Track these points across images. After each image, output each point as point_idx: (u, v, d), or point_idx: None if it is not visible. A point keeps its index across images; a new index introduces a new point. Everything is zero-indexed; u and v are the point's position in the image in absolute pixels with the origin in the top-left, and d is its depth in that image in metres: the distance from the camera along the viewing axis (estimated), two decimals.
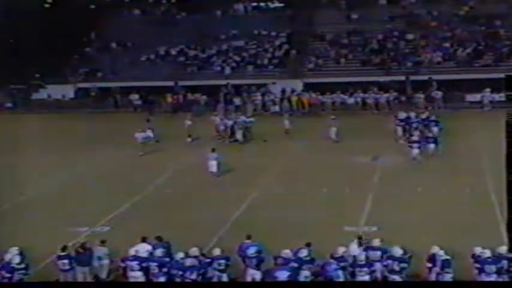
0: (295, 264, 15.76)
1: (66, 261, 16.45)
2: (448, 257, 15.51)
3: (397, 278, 15.42)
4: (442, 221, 20.01)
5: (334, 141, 31.55)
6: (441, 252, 15.62)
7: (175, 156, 30.09)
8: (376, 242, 16.38)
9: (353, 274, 15.57)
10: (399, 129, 31.47)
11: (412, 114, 31.97)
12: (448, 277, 15.29)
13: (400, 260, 15.63)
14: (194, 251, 16.18)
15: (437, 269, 15.46)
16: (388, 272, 15.57)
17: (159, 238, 17.24)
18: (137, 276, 16.04)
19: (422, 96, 40.90)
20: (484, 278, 15.00)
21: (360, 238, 16.83)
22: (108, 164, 29.45)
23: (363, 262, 15.55)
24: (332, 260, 15.72)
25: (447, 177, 24.82)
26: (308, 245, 16.29)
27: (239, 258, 16.79)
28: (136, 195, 24.25)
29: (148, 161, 29.79)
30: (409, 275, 15.71)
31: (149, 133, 31.70)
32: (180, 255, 16.10)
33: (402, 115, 31.98)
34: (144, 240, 17.01)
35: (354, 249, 16.33)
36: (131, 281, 15.90)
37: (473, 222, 19.54)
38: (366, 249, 16.18)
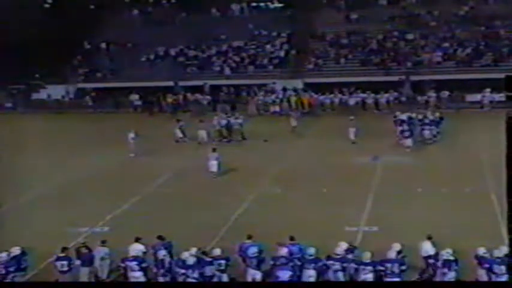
0: (299, 263, 15.81)
1: (64, 262, 16.40)
2: (451, 258, 15.48)
3: (397, 280, 15.33)
4: (442, 221, 20.00)
5: (353, 141, 31.16)
6: (443, 252, 15.61)
7: (175, 156, 30.09)
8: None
9: (356, 271, 15.58)
10: (400, 130, 31.46)
11: (413, 115, 32.10)
12: (446, 277, 15.27)
13: (399, 262, 15.55)
14: (193, 251, 16.19)
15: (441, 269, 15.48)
16: (387, 276, 15.44)
17: (160, 237, 17.23)
18: (137, 276, 16.05)
19: (434, 95, 40.94)
20: (494, 278, 14.98)
21: (430, 238, 16.51)
22: (108, 164, 29.43)
23: (368, 260, 15.52)
24: (331, 262, 15.74)
25: (447, 177, 24.83)
26: (292, 238, 16.58)
27: (239, 258, 16.80)
28: (136, 195, 24.25)
29: (148, 161, 29.79)
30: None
31: (178, 133, 32.58)
32: (184, 254, 16.14)
33: (404, 115, 32.01)
34: (137, 240, 16.99)
35: (428, 248, 16.15)
36: (131, 281, 15.92)
37: (473, 222, 19.54)
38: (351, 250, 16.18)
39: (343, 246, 16.14)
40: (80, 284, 16.26)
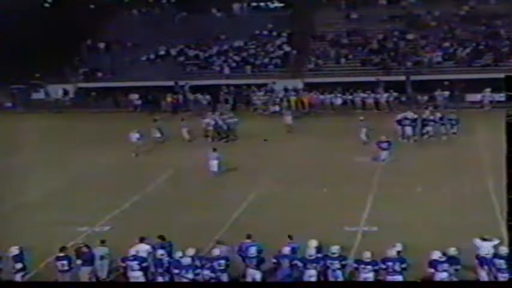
0: (300, 264, 15.83)
1: (65, 262, 16.42)
2: (440, 259, 15.49)
3: (399, 278, 15.33)
4: (442, 221, 20.02)
5: (365, 142, 30.61)
6: (434, 252, 15.63)
7: (175, 156, 30.07)
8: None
9: (357, 270, 15.61)
10: (409, 129, 31.46)
11: (410, 114, 32.19)
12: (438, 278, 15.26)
13: (400, 260, 15.57)
14: (190, 251, 16.22)
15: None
16: (388, 274, 15.46)
17: (161, 237, 17.23)
18: (137, 276, 16.04)
19: (445, 93, 41.06)
20: (493, 277, 15.01)
21: (485, 239, 16.39)
22: (108, 163, 29.41)
23: (369, 259, 15.52)
24: (329, 261, 15.76)
25: (447, 177, 24.81)
26: (290, 237, 16.81)
27: (239, 257, 16.79)
28: (136, 195, 24.24)
29: (149, 160, 29.78)
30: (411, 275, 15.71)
31: (156, 133, 32.26)
32: (179, 254, 16.17)
33: (409, 115, 32.01)
34: (142, 240, 16.99)
35: (484, 246, 16.04)
36: (131, 281, 15.91)
37: (473, 222, 19.50)
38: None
39: (312, 244, 16.25)
40: (79, 284, 16.24)
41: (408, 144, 30.88)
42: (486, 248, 15.90)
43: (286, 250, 16.24)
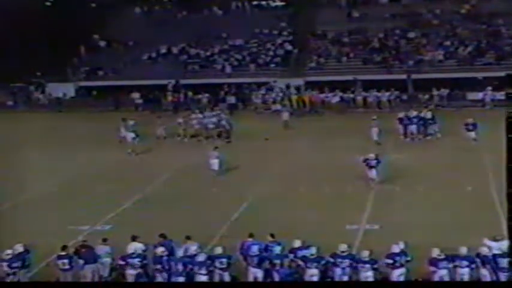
0: (301, 262, 15.85)
1: (66, 260, 16.41)
2: (439, 256, 15.54)
3: (403, 270, 15.45)
4: (443, 220, 19.99)
5: (376, 142, 30.19)
6: (435, 250, 15.66)
7: (176, 155, 30.07)
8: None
9: (355, 269, 15.60)
10: (413, 128, 31.43)
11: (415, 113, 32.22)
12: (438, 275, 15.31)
13: (405, 254, 15.67)
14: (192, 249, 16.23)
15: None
16: (394, 268, 15.51)
17: (162, 236, 17.23)
18: (135, 274, 16.03)
19: (447, 91, 41.08)
20: (495, 275, 15.04)
21: (496, 240, 16.29)
22: (109, 162, 29.43)
23: (367, 258, 15.53)
24: (339, 260, 15.77)
25: (448, 176, 24.79)
26: (272, 235, 16.71)
27: (241, 256, 16.79)
28: (137, 193, 24.24)
29: (149, 160, 29.79)
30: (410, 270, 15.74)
31: (122, 132, 31.97)
32: (180, 253, 16.18)
33: (413, 113, 32.00)
34: (134, 239, 16.97)
35: (495, 246, 15.95)
36: (132, 281, 15.91)
37: (474, 221, 19.50)
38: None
39: (296, 243, 16.29)
40: (79, 284, 16.25)
41: (409, 143, 30.89)
42: (496, 249, 15.81)
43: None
